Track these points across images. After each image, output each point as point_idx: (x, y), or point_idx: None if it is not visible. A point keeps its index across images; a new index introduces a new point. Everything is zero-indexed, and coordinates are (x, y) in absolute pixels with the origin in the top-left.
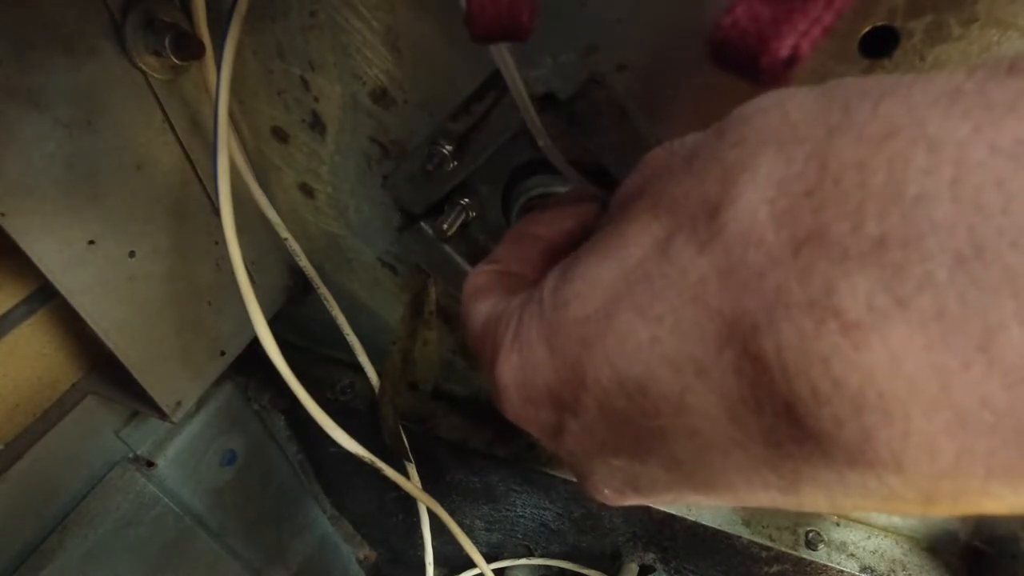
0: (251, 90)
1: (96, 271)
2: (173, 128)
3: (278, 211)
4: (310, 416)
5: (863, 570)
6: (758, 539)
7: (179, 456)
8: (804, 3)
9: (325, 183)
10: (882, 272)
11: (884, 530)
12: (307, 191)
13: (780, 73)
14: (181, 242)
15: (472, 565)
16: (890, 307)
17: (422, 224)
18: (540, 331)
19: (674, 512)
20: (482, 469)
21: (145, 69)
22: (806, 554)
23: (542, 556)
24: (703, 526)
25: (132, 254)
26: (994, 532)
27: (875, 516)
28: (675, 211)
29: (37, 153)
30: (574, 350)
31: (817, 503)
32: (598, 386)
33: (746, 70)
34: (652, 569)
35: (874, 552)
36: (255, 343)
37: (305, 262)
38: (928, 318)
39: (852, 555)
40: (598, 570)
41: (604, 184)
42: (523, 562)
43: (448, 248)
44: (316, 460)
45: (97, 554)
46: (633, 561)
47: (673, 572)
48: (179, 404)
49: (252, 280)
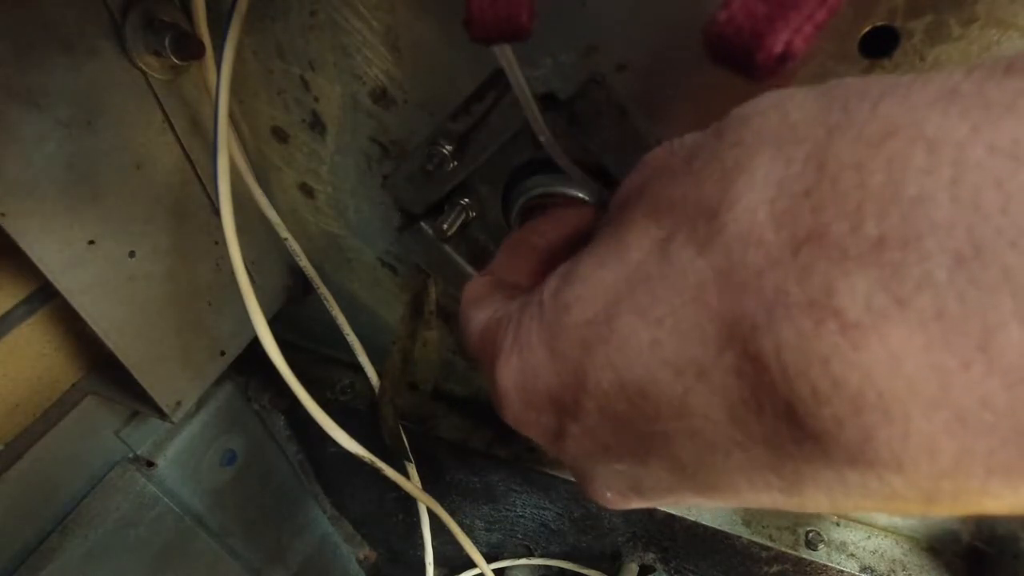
0: (251, 90)
1: (96, 271)
2: (173, 128)
3: (278, 211)
4: (310, 416)
5: (863, 570)
6: (758, 539)
7: (179, 456)
8: (798, 0)
9: (325, 183)
10: (881, 272)
11: (884, 530)
12: (307, 191)
13: (775, 69)
14: (181, 242)
15: (472, 565)
16: (889, 307)
17: (422, 224)
18: (540, 334)
19: (674, 512)
20: (482, 469)
21: (145, 69)
22: (806, 554)
23: (542, 556)
24: (703, 526)
25: (132, 254)
26: (995, 532)
27: (875, 516)
28: (674, 212)
29: (37, 153)
30: (575, 353)
31: (818, 503)
32: (599, 389)
33: (741, 66)
34: (652, 569)
35: (874, 552)
36: (255, 343)
37: (305, 262)
38: (927, 318)
39: (852, 555)
40: (598, 570)
41: (604, 184)
42: (523, 562)
43: (448, 248)
44: (316, 460)
45: (97, 554)
46: (633, 561)
47: (673, 572)
48: (179, 404)
49: (252, 280)
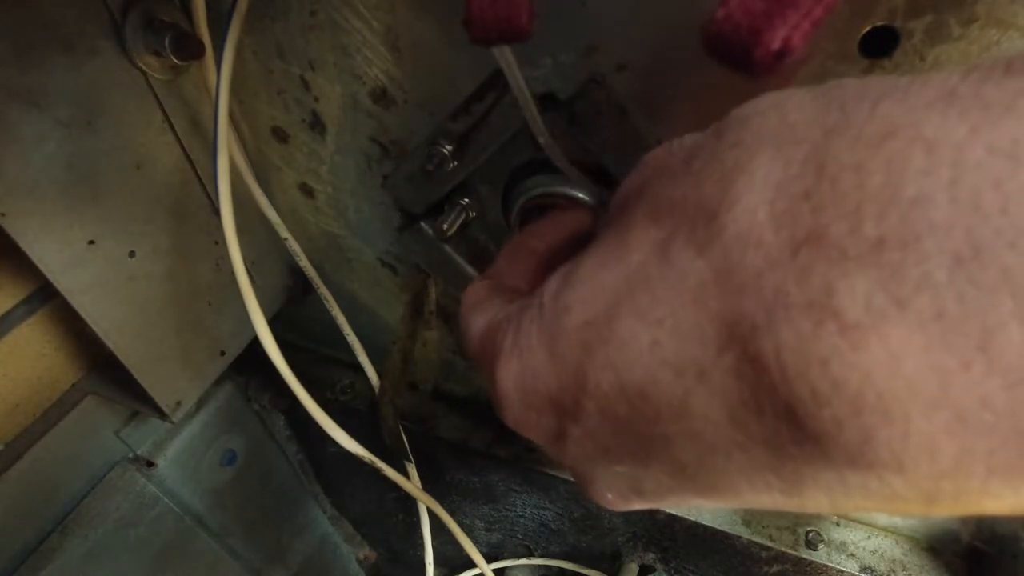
0: (251, 90)
1: (96, 271)
2: (173, 128)
3: (278, 211)
4: (310, 416)
5: (863, 570)
6: (758, 539)
7: (179, 456)
8: None
9: (325, 183)
10: (880, 273)
11: (884, 530)
12: (307, 191)
13: (773, 66)
14: (181, 242)
15: (472, 565)
16: (889, 308)
17: (422, 224)
18: (540, 336)
19: (674, 512)
20: (482, 469)
21: (145, 69)
22: (806, 554)
23: (542, 556)
24: (703, 526)
25: (132, 254)
26: (995, 532)
27: (875, 516)
28: (674, 213)
29: (37, 153)
30: (575, 355)
31: (819, 504)
32: (599, 391)
33: (739, 62)
34: (652, 569)
35: (874, 552)
36: (255, 343)
37: (305, 262)
38: (927, 318)
39: (852, 555)
40: (598, 570)
41: (604, 184)
42: (523, 562)
43: (448, 248)
44: (316, 460)
45: (97, 554)
46: (633, 561)
47: (673, 572)
48: (179, 404)
49: (252, 280)
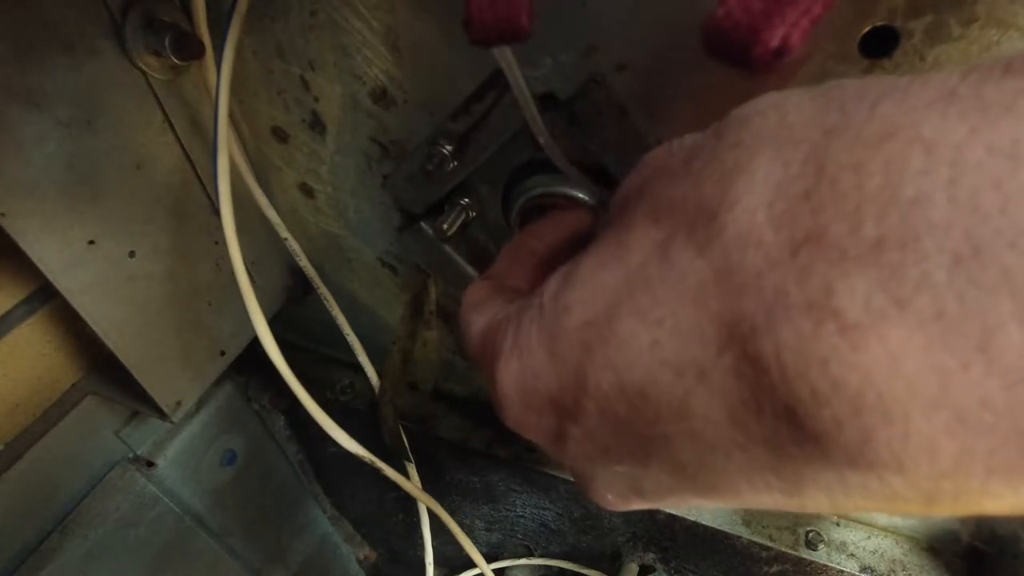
0: (251, 90)
1: (96, 271)
2: (173, 128)
3: (278, 211)
4: (310, 416)
5: (863, 570)
6: (758, 539)
7: (179, 456)
8: None
9: (325, 183)
10: (880, 273)
11: (884, 530)
12: (307, 191)
13: (772, 63)
14: (181, 242)
15: (472, 565)
16: (888, 308)
17: (422, 224)
18: (540, 337)
19: (674, 512)
20: (482, 469)
21: (145, 69)
22: (806, 554)
23: (542, 556)
24: (703, 526)
25: (132, 254)
26: (995, 532)
27: (875, 516)
28: (674, 213)
29: (37, 153)
30: (575, 355)
31: (819, 504)
32: (599, 391)
33: (738, 60)
34: (652, 569)
35: (874, 552)
36: (255, 343)
37: (305, 262)
38: (927, 318)
39: (852, 555)
40: (598, 570)
41: (604, 184)
42: (523, 562)
43: (448, 248)
44: (316, 460)
45: (97, 554)
46: (633, 561)
47: (673, 572)
48: (179, 404)
49: (252, 280)
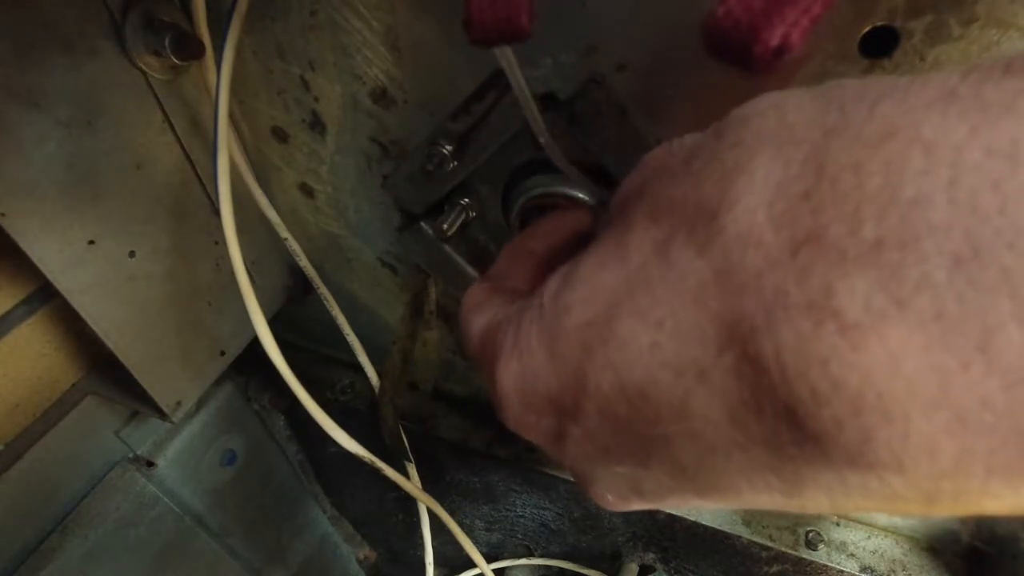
0: (251, 90)
1: (96, 271)
2: (173, 128)
3: (278, 211)
4: (310, 416)
5: (863, 570)
6: (758, 539)
7: (179, 456)
8: None
9: (325, 183)
10: (880, 273)
11: (884, 530)
12: (307, 191)
13: (772, 62)
14: (181, 242)
15: (472, 565)
16: (888, 308)
17: (422, 224)
18: (540, 337)
19: (674, 512)
20: (482, 469)
21: (145, 69)
22: (806, 554)
23: (542, 556)
24: (703, 526)
25: (132, 254)
26: (995, 532)
27: (875, 516)
28: (674, 214)
29: (37, 153)
30: (575, 356)
31: (819, 504)
32: (599, 392)
33: (739, 59)
34: (652, 569)
35: (874, 552)
36: (255, 343)
37: (305, 262)
38: (926, 319)
39: (852, 555)
40: (598, 570)
41: (604, 184)
42: (523, 562)
43: (448, 248)
44: (316, 460)
45: (97, 554)
46: (633, 561)
47: (673, 572)
48: (179, 404)
49: (252, 280)
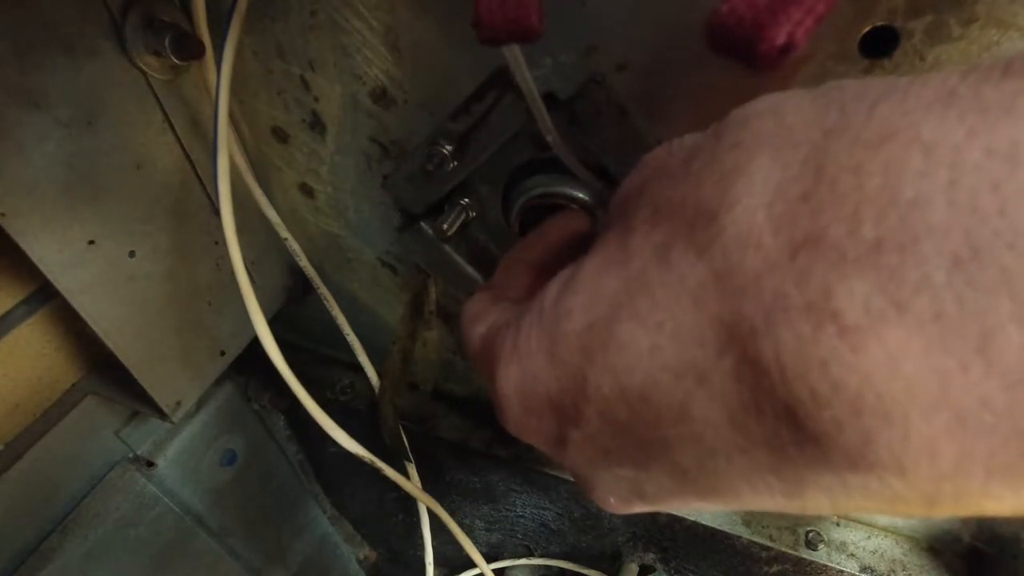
0: (251, 90)
1: (96, 271)
2: (173, 128)
3: (278, 211)
4: (310, 416)
5: (863, 570)
6: (758, 539)
7: (179, 456)
8: None
9: (325, 183)
10: (879, 275)
11: (884, 530)
12: (307, 191)
13: (776, 60)
14: (181, 242)
15: (472, 565)
16: (888, 310)
17: (422, 224)
18: (540, 340)
19: (674, 512)
20: (482, 469)
21: (145, 69)
22: (806, 554)
23: (542, 556)
24: (703, 526)
25: (132, 254)
26: (995, 532)
27: (876, 516)
28: (673, 216)
29: (37, 153)
30: (575, 359)
31: (820, 506)
32: (599, 395)
33: (743, 56)
34: (652, 569)
35: (874, 552)
36: (255, 343)
37: (305, 262)
38: (926, 320)
39: (852, 555)
40: (598, 570)
41: (604, 183)
42: (523, 562)
43: (448, 248)
44: (316, 460)
45: (97, 554)
46: (633, 561)
47: (673, 572)
48: (179, 404)
49: (252, 280)
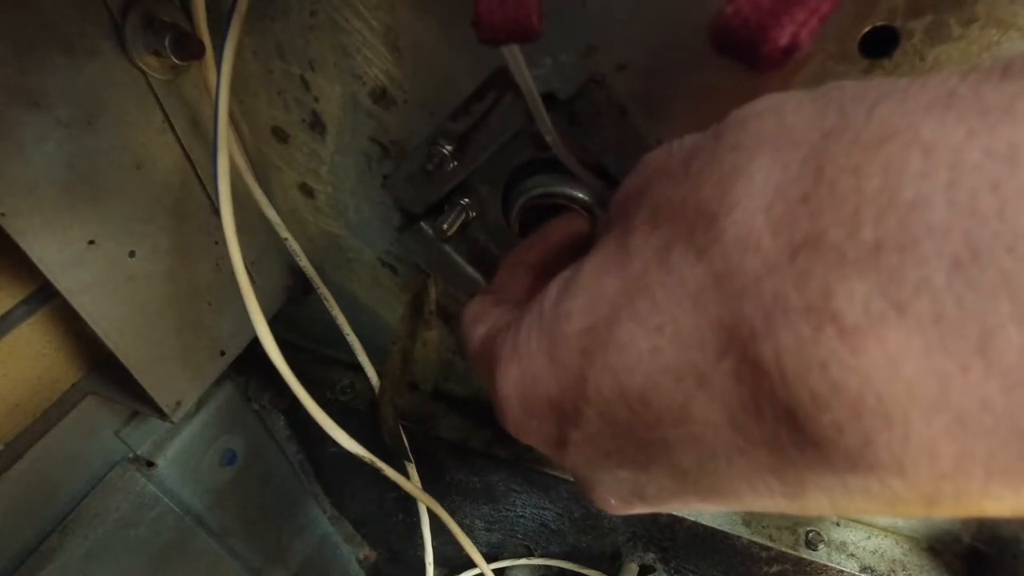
0: (251, 90)
1: (96, 271)
2: (173, 128)
3: (278, 211)
4: (310, 416)
5: (863, 570)
6: (758, 539)
7: (179, 456)
8: None
9: (325, 183)
10: (879, 276)
11: (884, 530)
12: (307, 191)
13: (780, 61)
14: (181, 242)
15: (472, 565)
16: (887, 311)
17: (422, 224)
18: (540, 342)
19: (675, 513)
20: (482, 469)
21: (145, 69)
22: (806, 554)
23: (542, 556)
24: (703, 526)
25: (132, 254)
26: (995, 533)
27: (876, 516)
28: (673, 217)
29: (37, 153)
30: (575, 361)
31: (820, 507)
32: (599, 397)
33: (746, 58)
34: (652, 569)
35: (874, 552)
36: (255, 343)
37: (305, 262)
38: (925, 322)
39: (852, 555)
40: (598, 570)
41: (604, 183)
42: (523, 562)
43: (448, 248)
44: (316, 460)
45: (97, 554)
46: (633, 561)
47: (673, 572)
48: (179, 404)
49: (252, 280)
